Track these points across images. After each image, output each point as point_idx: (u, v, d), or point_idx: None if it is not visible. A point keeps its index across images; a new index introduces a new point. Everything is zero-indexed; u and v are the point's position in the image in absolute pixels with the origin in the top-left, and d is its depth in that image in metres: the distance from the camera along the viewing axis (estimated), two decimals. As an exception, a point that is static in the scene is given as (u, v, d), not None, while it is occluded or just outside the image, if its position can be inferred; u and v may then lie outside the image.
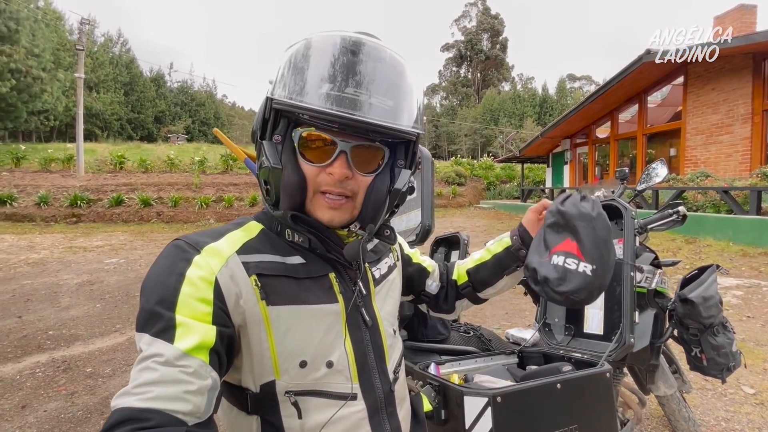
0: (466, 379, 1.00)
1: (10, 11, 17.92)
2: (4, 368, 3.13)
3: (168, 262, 0.56)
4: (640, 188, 1.70)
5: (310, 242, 0.63)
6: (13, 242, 8.63)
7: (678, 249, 6.09)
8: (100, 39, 36.76)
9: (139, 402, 0.46)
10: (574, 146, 13.48)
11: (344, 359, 0.63)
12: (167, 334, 0.50)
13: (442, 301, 0.91)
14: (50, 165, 15.18)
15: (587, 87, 48.24)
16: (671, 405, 1.70)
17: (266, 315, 0.58)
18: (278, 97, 0.57)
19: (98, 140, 27.26)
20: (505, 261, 0.85)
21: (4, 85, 17.28)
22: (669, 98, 10.72)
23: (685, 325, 1.43)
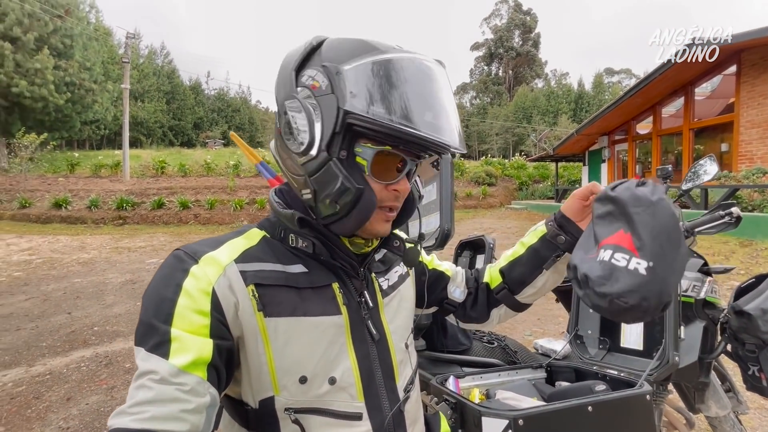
0: (487, 395, 0.94)
1: (65, 29, 19.43)
2: (53, 361, 3.35)
3: (166, 272, 0.55)
4: (686, 187, 1.55)
5: (314, 247, 0.61)
6: (67, 243, 9.31)
7: (731, 253, 5.61)
8: (145, 51, 39.10)
9: (134, 423, 0.45)
10: (613, 143, 12.80)
11: (349, 375, 0.59)
12: (162, 349, 0.49)
13: (470, 309, 0.84)
14: (100, 171, 16.30)
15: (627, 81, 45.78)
16: (724, 427, 1.54)
17: (263, 327, 0.56)
18: (369, 115, 0.52)
19: (143, 147, 29.02)
20: (542, 252, 0.75)
21: (61, 97, 18.72)
22: (719, 89, 9.92)
23: (741, 340, 1.28)
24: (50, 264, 7.17)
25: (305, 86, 0.56)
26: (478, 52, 53.27)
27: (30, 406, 2.66)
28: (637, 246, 0.58)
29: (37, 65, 17.60)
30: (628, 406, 0.79)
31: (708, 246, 5.84)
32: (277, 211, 0.63)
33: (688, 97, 9.72)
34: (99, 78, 22.36)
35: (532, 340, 2.98)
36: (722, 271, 1.44)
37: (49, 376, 3.07)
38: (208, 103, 42.87)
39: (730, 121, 8.71)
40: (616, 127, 12.30)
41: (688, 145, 9.79)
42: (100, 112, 23.01)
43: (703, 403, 1.44)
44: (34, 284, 5.86)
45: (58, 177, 15.56)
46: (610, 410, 0.78)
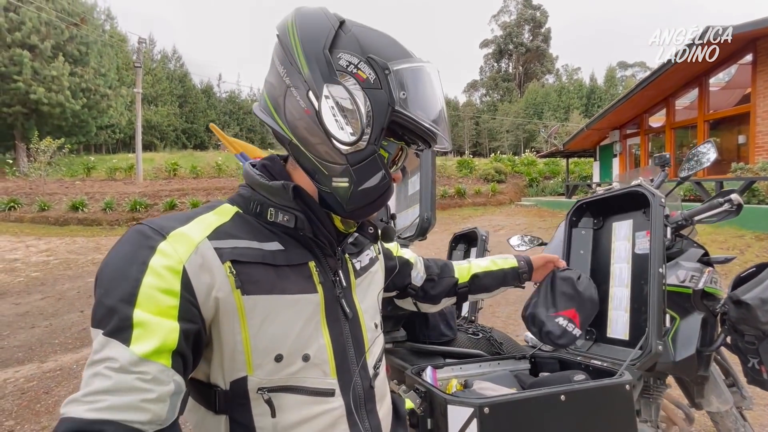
0: (465, 385, 0.92)
1: (81, 36, 19.93)
2: (64, 357, 3.43)
3: (128, 249, 0.50)
4: (684, 174, 1.50)
5: (296, 221, 0.59)
6: (83, 244, 9.56)
7: (747, 246, 5.42)
8: (158, 56, 39.85)
9: (89, 413, 0.42)
10: (624, 137, 12.50)
11: (322, 353, 0.59)
12: (123, 334, 0.45)
13: (428, 293, 0.95)
14: (115, 174, 16.67)
15: (641, 74, 44.76)
16: (726, 423, 1.48)
17: (241, 305, 0.53)
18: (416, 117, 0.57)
19: (156, 150, 29.58)
20: (508, 278, 1.00)
21: (77, 103, 19.23)
22: (735, 80, 9.59)
23: (740, 332, 1.23)
24: (66, 264, 7.36)
25: (347, 72, 0.55)
26: (488, 49, 52.74)
27: (40, 400, 2.73)
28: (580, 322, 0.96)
29: (54, 72, 18.10)
30: (606, 396, 0.77)
31: (722, 240, 5.66)
32: (261, 184, 0.60)
33: (702, 89, 9.42)
34: (113, 83, 22.90)
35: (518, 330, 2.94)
36: (723, 261, 1.39)
37: (59, 372, 3.15)
38: (219, 105, 43.46)
39: (747, 111, 8.41)
40: (628, 120, 12.01)
41: (703, 137, 9.49)
42: (114, 117, 23.55)
43: (703, 398, 1.39)
44: (50, 284, 6.03)
45: (75, 180, 15.97)
46: (586, 399, 0.75)
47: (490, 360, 1.01)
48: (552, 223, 9.84)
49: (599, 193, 1.14)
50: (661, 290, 0.88)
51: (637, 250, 1.00)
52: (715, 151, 1.47)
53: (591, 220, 1.16)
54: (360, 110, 0.54)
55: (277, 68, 0.59)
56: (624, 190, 1.03)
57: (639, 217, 1.02)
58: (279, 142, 0.61)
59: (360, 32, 0.58)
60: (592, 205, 1.15)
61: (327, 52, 0.55)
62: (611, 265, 1.06)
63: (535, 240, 1.83)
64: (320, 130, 0.56)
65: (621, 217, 1.07)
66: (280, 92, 0.59)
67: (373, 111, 0.55)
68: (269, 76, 0.61)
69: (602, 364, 0.91)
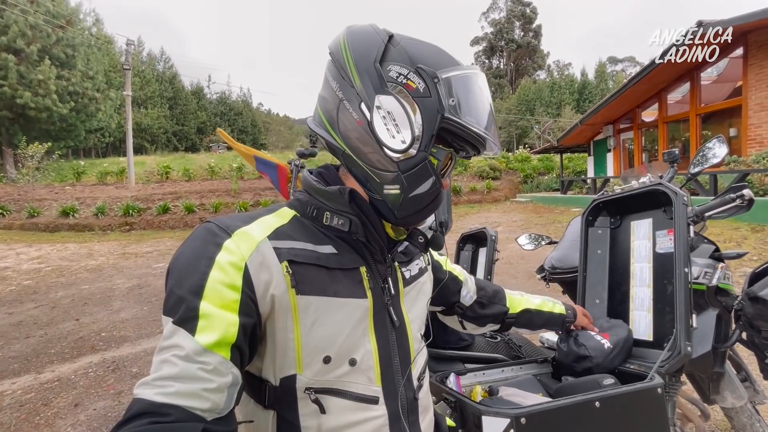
0: (490, 392, 0.90)
1: (67, 39, 19.60)
2: (62, 368, 3.36)
3: (198, 245, 0.54)
4: (694, 171, 1.49)
5: (350, 225, 0.61)
6: (75, 250, 9.40)
7: (743, 239, 5.49)
8: (146, 59, 39.35)
9: (158, 396, 0.46)
10: (618, 132, 12.60)
11: (369, 358, 0.60)
12: (190, 324, 0.49)
13: (474, 315, 0.94)
14: (106, 178, 16.43)
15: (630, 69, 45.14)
16: (741, 418, 1.48)
17: (295, 304, 0.56)
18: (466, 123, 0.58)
19: (147, 153, 29.24)
20: (553, 322, 1.02)
21: (64, 107, 18.91)
22: (726, 73, 9.70)
23: (756, 328, 1.22)
24: (59, 272, 7.23)
25: (397, 83, 0.58)
26: (478, 46, 52.86)
27: (39, 412, 2.66)
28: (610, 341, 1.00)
29: (40, 76, 17.79)
30: (639, 400, 0.75)
31: (719, 232, 5.72)
32: (318, 189, 0.62)
33: (694, 83, 9.52)
34: (101, 86, 22.55)
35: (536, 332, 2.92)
36: (735, 256, 1.38)
37: (57, 383, 3.08)
38: (210, 107, 43.08)
39: (738, 104, 8.52)
40: (621, 115, 12.10)
41: (695, 131, 9.60)
42: (103, 120, 23.23)
43: (718, 394, 1.39)
44: (43, 292, 5.91)
45: (64, 186, 15.71)
46: (619, 405, 0.73)
47: (513, 364, 0.99)
48: (548, 219, 9.88)
49: (616, 192, 1.13)
50: (688, 290, 0.87)
51: (658, 249, 0.99)
52: (725, 147, 1.46)
53: (608, 219, 1.15)
54: (410, 119, 0.56)
55: (330, 84, 0.61)
56: (644, 188, 1.02)
57: (659, 216, 1.01)
58: (332, 153, 0.64)
59: (408, 44, 0.60)
60: (608, 204, 1.14)
61: (377, 65, 0.58)
62: (631, 264, 1.05)
63: (544, 239, 1.81)
64: (372, 139, 0.58)
65: (640, 216, 1.06)
66: (333, 106, 0.61)
67: (423, 119, 0.57)
68: (322, 92, 0.64)
69: (629, 366, 0.90)
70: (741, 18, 7.01)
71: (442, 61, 0.59)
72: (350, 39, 0.61)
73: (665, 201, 0.98)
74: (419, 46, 0.60)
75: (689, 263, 0.89)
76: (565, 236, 1.57)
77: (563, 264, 1.47)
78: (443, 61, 0.59)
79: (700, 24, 7.26)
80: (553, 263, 1.52)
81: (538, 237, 1.83)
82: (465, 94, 0.59)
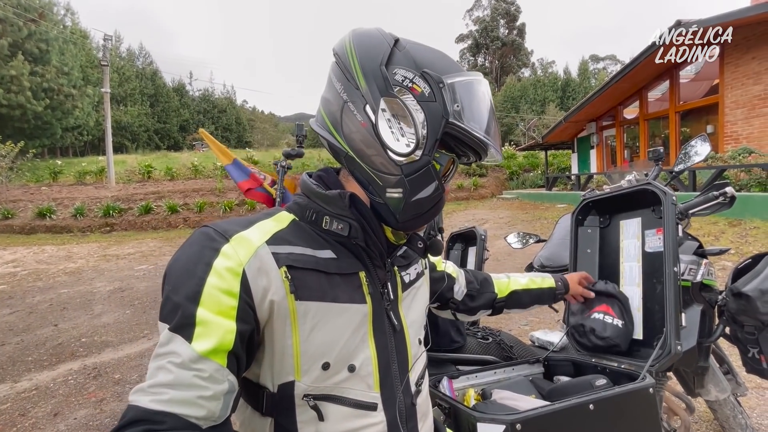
0: (483, 395, 0.89)
1: (39, 33, 18.88)
2: (39, 376, 3.24)
3: (195, 250, 0.54)
4: (678, 169, 1.52)
5: (350, 229, 0.60)
6: (52, 253, 9.09)
7: (721, 233, 5.66)
8: (125, 54, 38.25)
9: (153, 403, 0.46)
10: (600, 129, 12.85)
11: (368, 365, 0.60)
12: (186, 331, 0.49)
13: (467, 306, 0.97)
14: (84, 178, 15.94)
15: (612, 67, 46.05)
16: (724, 410, 1.52)
17: (293, 310, 0.55)
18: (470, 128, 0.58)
19: (128, 152, 28.46)
20: (544, 297, 1.04)
21: (39, 104, 18.25)
22: (703, 71, 9.99)
23: (739, 323, 1.25)
24: (36, 275, 6.98)
25: (403, 87, 0.58)
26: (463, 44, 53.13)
27: (15, 423, 2.56)
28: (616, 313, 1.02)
29: (13, 72, 17.11)
30: (632, 401, 0.75)
31: (698, 227, 5.89)
32: (317, 193, 0.62)
33: (673, 81, 9.76)
34: (78, 83, 21.82)
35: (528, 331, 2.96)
36: (717, 252, 1.41)
37: (35, 392, 2.97)
38: (193, 104, 42.18)
39: (715, 102, 8.77)
40: (604, 113, 12.34)
41: (674, 128, 9.86)
42: (81, 118, 22.50)
43: (702, 388, 1.42)
44: (19, 297, 5.70)
45: (40, 186, 15.17)
46: (613, 406, 0.73)
47: (504, 366, 0.98)
48: (534, 215, 10.01)
49: (606, 191, 1.13)
50: (677, 290, 0.87)
51: (647, 249, 0.99)
52: (708, 145, 1.49)
53: (597, 219, 1.15)
54: (415, 122, 0.56)
55: (335, 85, 0.61)
56: (633, 188, 1.02)
57: (648, 215, 1.01)
58: (334, 155, 0.63)
59: (414, 48, 0.61)
60: (597, 203, 1.14)
61: (383, 68, 0.58)
62: (620, 263, 1.06)
63: (532, 237, 1.82)
64: (376, 141, 0.58)
65: (628, 215, 1.06)
66: (337, 108, 0.61)
67: (427, 123, 0.57)
68: (326, 93, 0.63)
69: (619, 365, 0.90)
70: (718, 18, 7.20)
71: (448, 67, 0.60)
72: (356, 41, 0.61)
73: (654, 200, 0.98)
74: (425, 51, 0.61)
75: (678, 262, 0.90)
76: (553, 234, 1.58)
77: (552, 262, 1.48)
78: (448, 67, 0.60)
79: (678, 23, 7.43)
80: (542, 261, 1.53)
81: (526, 235, 1.84)
82: (469, 100, 0.59)
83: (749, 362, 1.27)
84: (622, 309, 1.00)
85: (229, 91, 48.18)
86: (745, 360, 1.29)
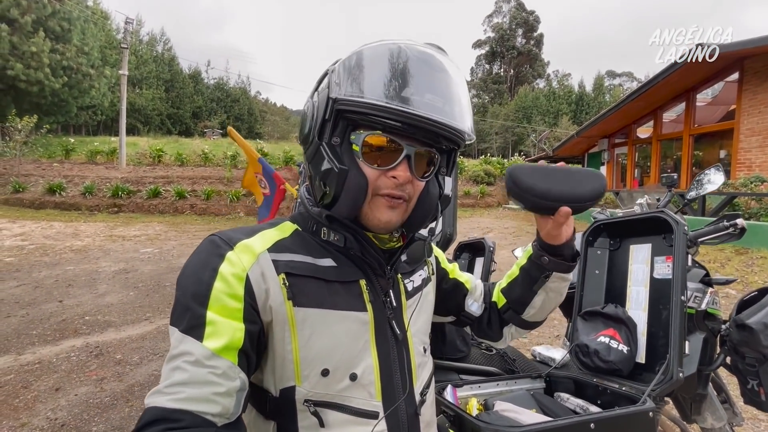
0: (485, 405, 0.91)
1: (63, 12, 19.10)
2: (43, 350, 3.31)
3: (203, 257, 0.57)
4: (690, 196, 1.53)
5: (345, 241, 0.62)
6: (60, 229, 9.21)
7: (727, 260, 5.63)
8: (146, 38, 38.58)
9: (170, 402, 0.47)
10: (612, 146, 12.79)
11: (369, 373, 0.60)
12: (197, 331, 0.51)
13: (486, 326, 0.84)
14: (96, 157, 16.09)
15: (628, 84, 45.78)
16: (719, 439, 1.53)
17: (291, 316, 0.56)
18: (351, 97, 0.56)
19: (140, 134, 28.69)
20: (531, 272, 0.76)
21: (57, 81, 18.44)
22: (721, 96, 9.92)
23: (741, 354, 1.26)
24: (43, 250, 7.09)
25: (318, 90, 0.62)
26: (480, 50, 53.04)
27: (18, 395, 2.62)
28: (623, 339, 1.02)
29: (34, 48, 17.31)
30: (632, 423, 0.78)
31: (704, 252, 5.85)
32: (307, 208, 0.65)
33: (689, 103, 9.71)
34: (96, 63, 22.04)
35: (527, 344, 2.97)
36: (724, 282, 1.42)
37: (38, 365, 3.03)
38: (207, 92, 42.43)
39: (731, 128, 8.71)
40: (617, 130, 12.29)
41: (687, 150, 9.80)
42: (96, 98, 22.71)
43: (699, 415, 1.43)
44: (26, 271, 5.79)
45: (53, 162, 15.35)
46: (613, 427, 0.76)
47: (507, 379, 1.01)
48: (539, 228, 9.98)
49: (618, 216, 1.15)
50: (683, 318, 0.89)
51: (656, 275, 1.01)
52: (722, 175, 1.50)
53: (607, 241, 1.17)
54: (310, 111, 0.62)
55: None
56: (646, 215, 1.04)
57: (659, 242, 1.03)
58: None
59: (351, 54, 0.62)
60: (609, 226, 1.16)
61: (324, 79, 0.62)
62: (628, 287, 1.08)
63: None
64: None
65: (639, 240, 1.08)
66: None
67: (316, 108, 0.60)
68: None
69: (620, 387, 0.92)
70: (739, 44, 7.16)
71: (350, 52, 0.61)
72: None
73: (665, 228, 1.00)
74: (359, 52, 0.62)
75: (686, 291, 0.92)
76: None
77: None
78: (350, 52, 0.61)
79: (699, 46, 7.39)
80: (548, 278, 1.55)
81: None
82: (356, 69, 0.57)
83: (748, 393, 1.28)
84: (629, 335, 1.00)
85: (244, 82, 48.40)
86: (743, 391, 1.30)
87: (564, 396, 0.98)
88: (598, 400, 0.95)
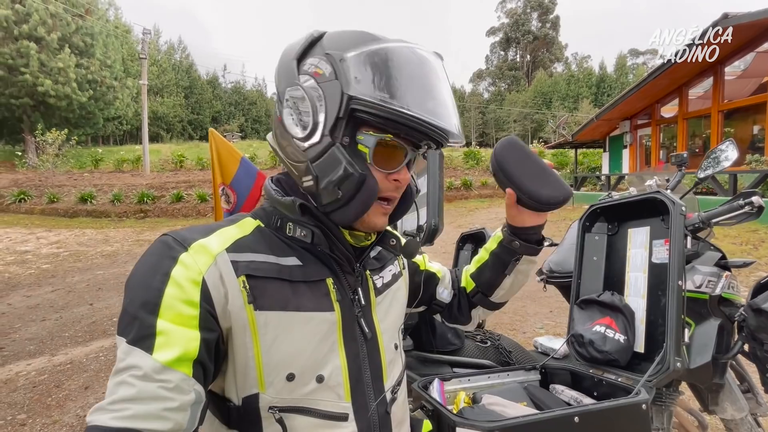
0: (474, 399, 0.89)
1: (85, 28, 19.92)
2: (74, 351, 3.48)
3: (153, 260, 0.52)
4: (703, 175, 1.44)
5: (312, 236, 0.59)
6: (92, 236, 9.67)
7: (761, 242, 5.31)
8: (164, 47, 39.77)
9: (114, 421, 0.43)
10: (635, 128, 12.25)
11: (337, 375, 0.58)
12: (146, 342, 0.47)
13: (456, 311, 0.87)
14: (122, 166, 16.81)
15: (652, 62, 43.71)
16: (740, 430, 1.45)
17: (253, 320, 0.53)
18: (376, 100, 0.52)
19: (163, 141, 29.71)
20: (502, 257, 0.80)
21: (84, 95, 19.31)
22: (752, 68, 9.30)
23: (759, 340, 1.18)
24: (76, 257, 7.46)
25: (308, 74, 0.56)
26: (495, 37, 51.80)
27: (51, 394, 2.77)
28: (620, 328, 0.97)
29: (60, 64, 18.15)
30: (622, 416, 0.74)
31: (735, 234, 5.55)
32: (275, 199, 0.61)
33: (717, 77, 9.16)
34: (119, 75, 22.93)
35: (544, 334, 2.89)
36: (741, 265, 1.33)
37: (69, 366, 3.20)
38: (225, 96, 43.43)
39: (763, 101, 8.18)
40: (639, 110, 11.75)
41: (717, 128, 9.27)
42: (121, 109, 23.67)
43: (717, 405, 1.35)
44: (60, 276, 6.12)
45: (83, 172, 16.13)
46: (601, 420, 0.72)
47: (500, 371, 0.98)
48: (560, 216, 9.71)
49: (615, 198, 1.09)
50: (680, 304, 0.84)
51: (654, 259, 0.96)
52: (736, 150, 1.41)
53: (605, 226, 1.11)
54: (314, 105, 0.54)
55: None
56: (642, 196, 0.99)
57: (657, 224, 0.97)
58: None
59: (331, 35, 0.58)
60: (606, 210, 1.11)
61: (294, 61, 0.57)
62: (626, 273, 1.02)
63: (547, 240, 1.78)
64: (286, 132, 0.58)
65: (637, 224, 1.03)
66: (274, 117, 0.61)
67: (327, 102, 0.54)
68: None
69: (616, 378, 0.88)
70: (766, 11, 6.69)
71: (356, 42, 0.55)
72: (286, 46, 0.61)
73: (663, 209, 0.95)
74: (342, 34, 0.57)
75: (683, 276, 0.86)
76: (564, 239, 1.54)
77: (561, 268, 1.45)
78: (357, 42, 0.55)
79: (725, 16, 6.96)
80: (551, 266, 1.50)
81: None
82: (379, 69, 0.53)
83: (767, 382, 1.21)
84: (626, 324, 0.95)
85: (260, 84, 49.18)
86: (763, 379, 1.22)
87: (559, 388, 0.95)
88: (594, 392, 0.91)
